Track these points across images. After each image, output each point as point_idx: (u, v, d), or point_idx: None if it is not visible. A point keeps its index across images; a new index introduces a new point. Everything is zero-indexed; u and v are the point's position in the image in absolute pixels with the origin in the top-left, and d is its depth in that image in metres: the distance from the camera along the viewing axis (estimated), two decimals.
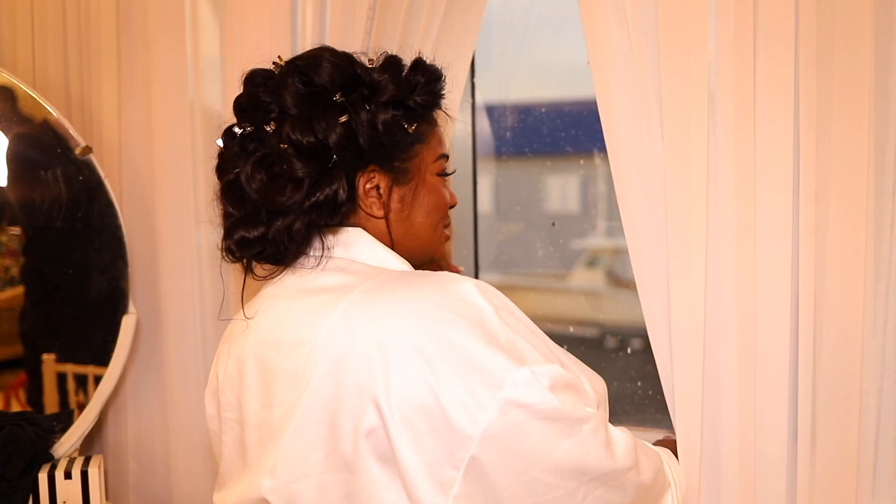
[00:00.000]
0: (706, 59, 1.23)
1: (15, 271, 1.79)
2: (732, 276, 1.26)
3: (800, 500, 1.25)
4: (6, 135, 1.75)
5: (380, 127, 1.08)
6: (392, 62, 1.13)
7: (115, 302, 1.77)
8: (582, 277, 1.95)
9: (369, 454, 0.97)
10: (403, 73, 1.12)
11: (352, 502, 0.99)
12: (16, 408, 1.79)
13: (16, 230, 1.78)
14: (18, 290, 1.81)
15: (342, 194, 1.07)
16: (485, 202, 1.96)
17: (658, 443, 1.33)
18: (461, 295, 1.02)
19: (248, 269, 1.13)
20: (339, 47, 1.16)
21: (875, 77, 1.17)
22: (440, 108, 1.18)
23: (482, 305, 1.01)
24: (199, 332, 1.81)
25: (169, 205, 1.80)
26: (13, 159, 1.75)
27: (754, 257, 1.24)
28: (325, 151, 1.06)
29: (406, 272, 1.11)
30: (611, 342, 1.90)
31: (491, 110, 1.94)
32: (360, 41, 1.50)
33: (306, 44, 1.54)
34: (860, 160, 1.18)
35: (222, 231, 1.12)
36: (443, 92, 1.16)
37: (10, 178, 1.75)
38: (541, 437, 0.96)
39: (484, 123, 1.94)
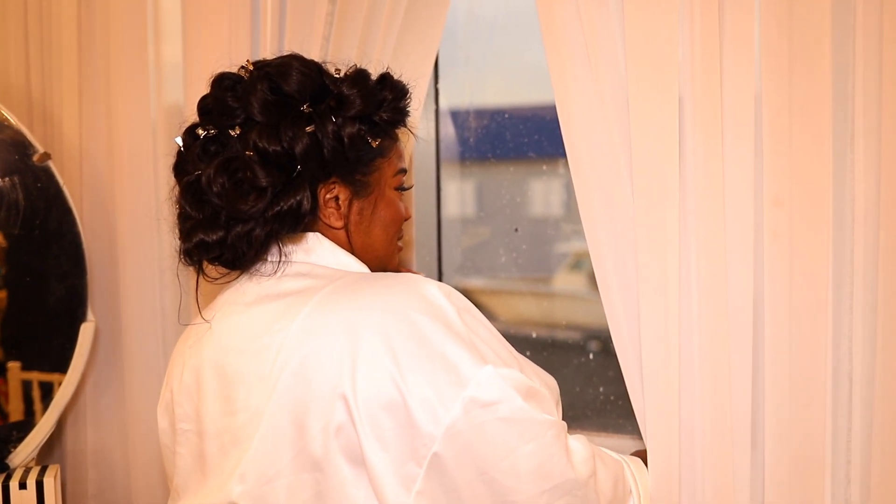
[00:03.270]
0: (675, 64, 1.24)
1: None
2: (703, 281, 1.26)
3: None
4: None
5: (345, 140, 1.09)
6: (360, 76, 1.13)
7: (73, 309, 1.75)
8: (565, 281, 1.96)
9: (339, 453, 0.98)
10: (371, 88, 1.12)
11: (322, 501, 1.00)
12: None
13: None
14: None
15: (306, 205, 1.08)
16: (449, 207, 1.96)
17: (634, 453, 1.34)
18: (425, 295, 1.03)
19: (200, 272, 1.13)
20: (298, 50, 1.16)
21: (835, 82, 1.19)
22: (405, 126, 1.19)
23: (445, 305, 1.03)
24: (159, 339, 1.80)
25: (130, 211, 1.78)
26: None
27: (724, 263, 1.24)
28: (291, 161, 1.07)
29: (369, 274, 1.13)
30: (593, 345, 1.91)
31: (455, 115, 1.94)
32: (319, 47, 1.49)
33: (266, 48, 1.53)
34: (822, 165, 1.19)
35: (178, 233, 1.12)
36: (408, 109, 1.18)
37: None
38: (502, 439, 0.98)
39: (448, 128, 1.94)
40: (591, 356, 1.89)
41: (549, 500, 1.00)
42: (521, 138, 1.90)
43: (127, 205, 1.79)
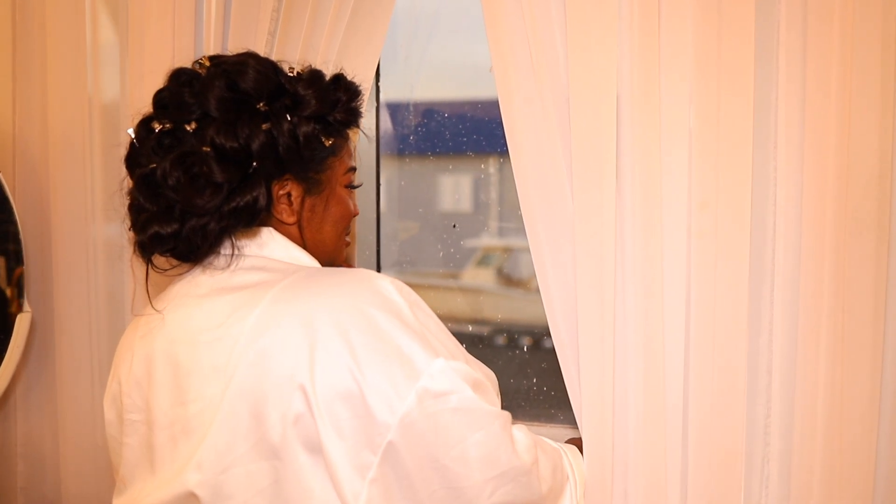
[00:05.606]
0: (614, 66, 1.29)
1: None
2: (638, 277, 1.32)
3: (690, 495, 1.33)
4: None
5: (300, 139, 1.12)
6: (316, 77, 1.16)
7: (9, 300, 1.72)
8: (474, 276, 2.01)
9: (297, 442, 1.00)
10: (325, 89, 1.15)
11: (280, 489, 1.02)
12: None
13: None
14: None
15: (262, 201, 1.10)
16: (387, 202, 1.99)
17: (569, 441, 1.40)
18: (379, 290, 1.07)
19: (149, 263, 1.14)
20: (243, 45, 1.17)
21: (757, 93, 1.26)
22: (357, 126, 1.22)
23: (398, 300, 1.07)
24: (93, 331, 1.77)
25: (64, 200, 1.75)
26: None
27: (659, 260, 1.30)
28: (247, 158, 1.09)
29: (323, 269, 1.15)
30: (500, 339, 1.96)
31: (394, 110, 1.96)
32: (265, 41, 1.49)
33: (210, 37, 1.53)
34: (743, 171, 1.27)
35: (131, 224, 1.13)
36: (361, 109, 1.21)
37: None
38: (453, 428, 1.02)
39: (387, 123, 1.96)
40: (499, 350, 1.94)
41: (496, 487, 1.05)
42: (459, 136, 1.93)
43: (61, 193, 1.76)
